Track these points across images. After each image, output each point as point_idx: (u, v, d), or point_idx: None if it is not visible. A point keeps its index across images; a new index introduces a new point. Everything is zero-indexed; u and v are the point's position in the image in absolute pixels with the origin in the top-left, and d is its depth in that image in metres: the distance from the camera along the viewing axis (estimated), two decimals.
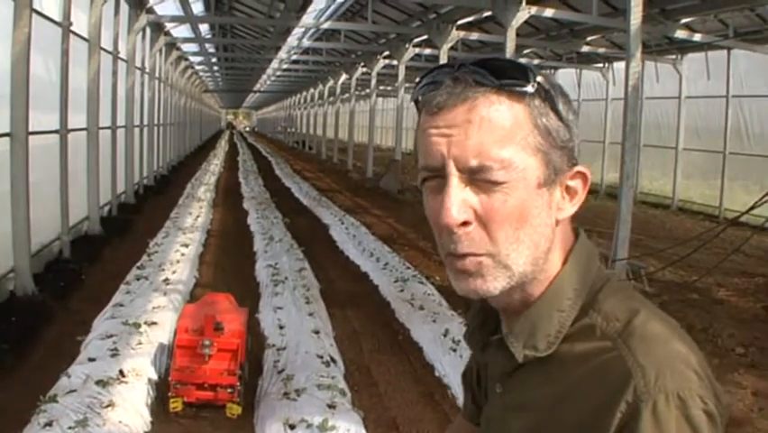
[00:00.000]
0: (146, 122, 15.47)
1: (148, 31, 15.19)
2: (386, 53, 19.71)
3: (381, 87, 27.33)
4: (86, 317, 5.87)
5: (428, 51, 17.34)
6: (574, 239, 0.88)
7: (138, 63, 13.92)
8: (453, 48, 14.28)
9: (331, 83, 28.44)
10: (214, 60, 29.30)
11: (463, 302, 1.03)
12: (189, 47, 22.80)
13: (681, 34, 12.11)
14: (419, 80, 0.85)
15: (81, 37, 9.09)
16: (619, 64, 15.83)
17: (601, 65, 17.84)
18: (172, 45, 19.38)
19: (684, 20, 12.12)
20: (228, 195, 16.33)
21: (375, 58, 20.51)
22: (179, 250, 8.53)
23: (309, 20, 15.99)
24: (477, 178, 0.79)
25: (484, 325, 0.95)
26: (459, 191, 0.79)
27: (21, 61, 6.23)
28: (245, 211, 13.11)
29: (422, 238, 10.48)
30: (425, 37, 15.38)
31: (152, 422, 4.11)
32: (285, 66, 27.96)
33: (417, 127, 0.84)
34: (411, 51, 17.43)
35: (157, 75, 17.17)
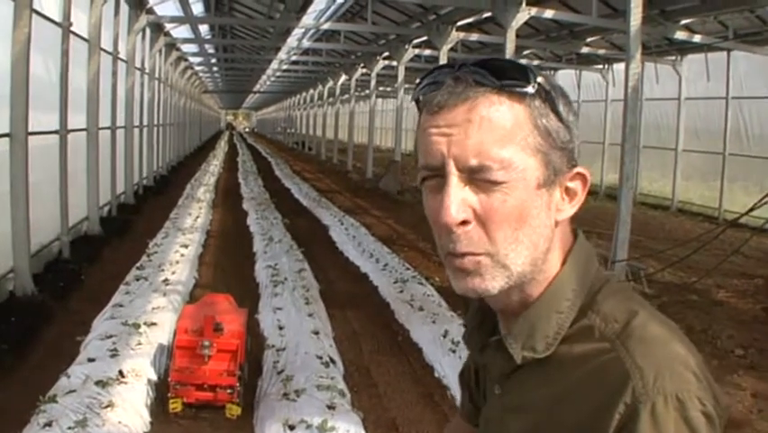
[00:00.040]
0: (146, 122, 15.47)
1: (148, 31, 15.19)
2: (385, 54, 19.73)
3: (381, 87, 27.33)
4: (85, 317, 5.87)
5: (428, 52, 17.36)
6: (573, 240, 0.88)
7: (138, 64, 13.92)
8: (453, 49, 14.27)
9: (330, 84, 28.45)
10: (213, 61, 29.33)
11: (463, 303, 1.03)
12: (189, 47, 22.82)
13: (681, 36, 12.12)
14: (420, 80, 0.85)
15: (81, 37, 9.09)
16: (619, 65, 15.82)
17: (601, 66, 17.83)
18: (172, 46, 19.38)
19: (684, 21, 12.12)
20: (228, 195, 16.32)
21: (375, 59, 20.53)
22: (179, 250, 8.53)
23: (309, 21, 15.99)
24: (476, 177, 0.79)
25: (482, 326, 0.95)
26: (458, 190, 0.79)
27: (21, 62, 6.23)
28: (245, 212, 13.11)
29: (421, 239, 10.48)
30: (425, 38, 15.39)
31: (152, 423, 4.11)
32: (285, 67, 27.98)
33: (418, 127, 0.84)
34: (411, 52, 17.45)
35: (157, 75, 17.18)
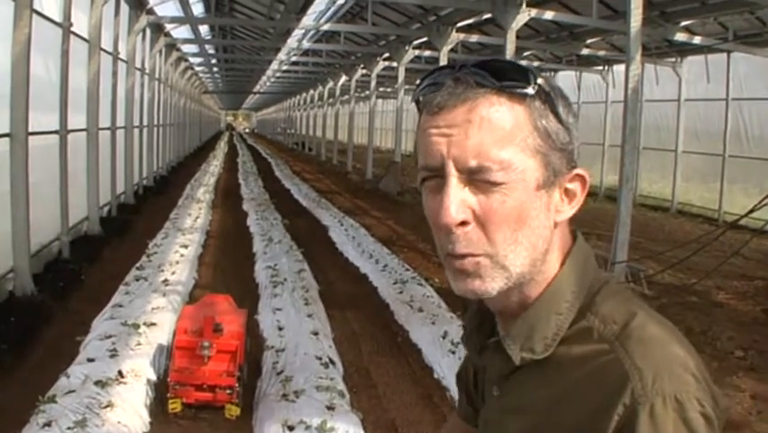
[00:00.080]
0: (146, 123, 15.47)
1: (148, 32, 15.19)
2: (386, 55, 19.75)
3: (381, 88, 27.34)
4: (85, 317, 5.87)
5: (428, 53, 17.38)
6: (572, 241, 0.88)
7: (138, 64, 13.93)
8: (453, 50, 14.27)
9: (330, 84, 28.47)
10: (213, 62, 29.34)
11: (462, 304, 1.03)
12: (189, 48, 22.85)
13: (681, 37, 12.13)
14: (420, 81, 0.85)
15: (81, 38, 9.09)
16: (619, 67, 15.83)
17: (601, 67, 17.84)
18: (172, 46, 19.39)
19: (684, 23, 12.13)
20: (227, 196, 16.32)
21: (375, 59, 20.54)
22: (179, 251, 8.52)
23: (309, 21, 15.99)
24: (476, 178, 0.79)
25: (481, 327, 0.95)
26: (458, 191, 0.79)
27: (21, 62, 6.23)
28: (244, 212, 13.11)
29: (421, 240, 10.48)
30: (425, 39, 15.40)
31: (151, 423, 4.11)
32: (285, 67, 27.98)
33: (418, 127, 0.84)
34: (411, 53, 17.47)
35: (157, 76, 17.18)
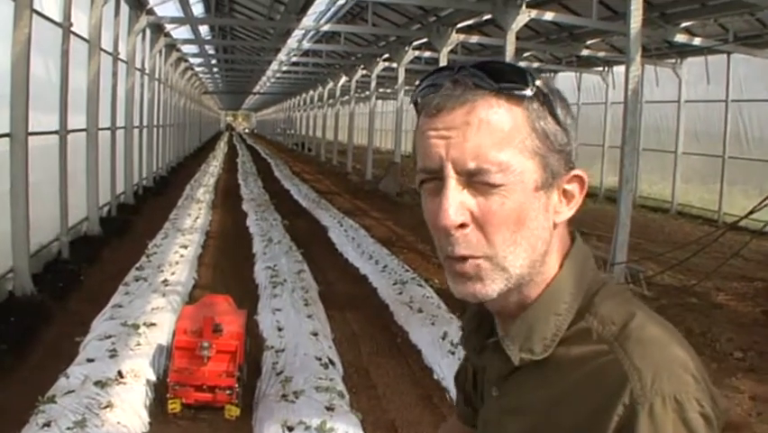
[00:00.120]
0: (145, 123, 15.47)
1: (148, 32, 15.19)
2: (386, 56, 19.76)
3: (381, 89, 27.34)
4: (84, 317, 5.86)
5: (428, 54, 17.38)
6: (571, 243, 0.89)
7: (138, 64, 13.93)
8: (453, 51, 14.27)
9: (330, 85, 28.46)
10: (213, 62, 29.34)
11: (460, 305, 1.03)
12: (189, 48, 22.85)
13: (681, 38, 12.14)
14: (419, 83, 0.85)
15: (81, 38, 9.09)
16: (619, 68, 15.82)
17: (601, 69, 17.85)
18: (172, 46, 19.39)
19: (684, 24, 12.14)
20: (227, 196, 16.32)
21: (375, 60, 20.54)
22: (178, 251, 8.52)
23: (309, 22, 15.99)
24: (475, 180, 0.79)
25: (480, 328, 0.95)
26: (457, 193, 0.79)
27: (21, 62, 6.23)
28: (244, 213, 13.10)
29: (421, 241, 10.47)
30: (425, 40, 15.41)
31: (151, 423, 4.10)
32: (284, 68, 27.98)
33: (416, 129, 0.84)
34: (411, 54, 17.48)
35: (156, 76, 17.18)
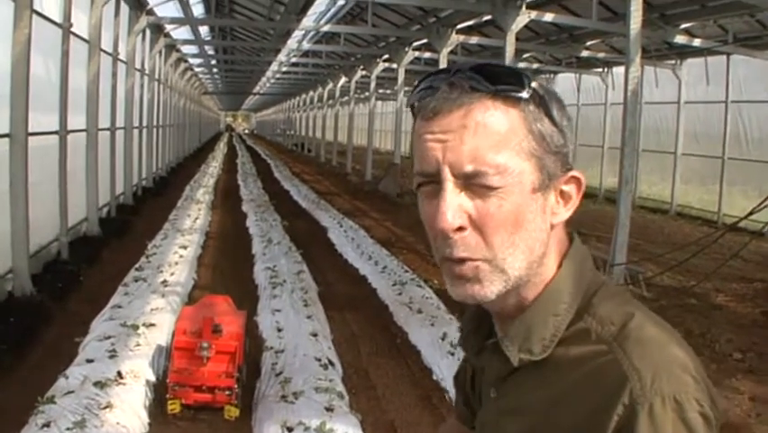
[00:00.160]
0: (145, 123, 15.47)
1: (148, 32, 15.19)
2: (385, 56, 19.76)
3: (381, 90, 27.36)
4: (84, 318, 5.86)
5: (428, 55, 17.38)
6: (569, 243, 0.89)
7: (138, 65, 13.93)
8: (453, 52, 14.27)
9: (330, 86, 28.45)
10: (213, 62, 29.34)
11: (460, 306, 1.04)
12: (189, 49, 22.85)
13: (681, 39, 12.14)
14: (415, 86, 0.85)
15: (81, 38, 9.09)
16: (619, 69, 15.83)
17: (601, 70, 17.84)
18: (172, 47, 19.38)
19: (684, 25, 12.13)
20: (227, 197, 16.32)
21: (374, 61, 20.54)
22: (178, 252, 8.52)
23: (309, 23, 15.98)
24: (472, 183, 0.79)
25: (478, 329, 0.95)
26: (454, 196, 0.79)
27: (21, 62, 6.23)
28: (244, 213, 13.11)
29: (420, 242, 10.47)
30: (425, 41, 15.40)
31: (150, 424, 4.11)
32: (284, 68, 27.96)
33: (413, 133, 0.84)
34: (411, 55, 17.47)
35: (156, 77, 17.18)
